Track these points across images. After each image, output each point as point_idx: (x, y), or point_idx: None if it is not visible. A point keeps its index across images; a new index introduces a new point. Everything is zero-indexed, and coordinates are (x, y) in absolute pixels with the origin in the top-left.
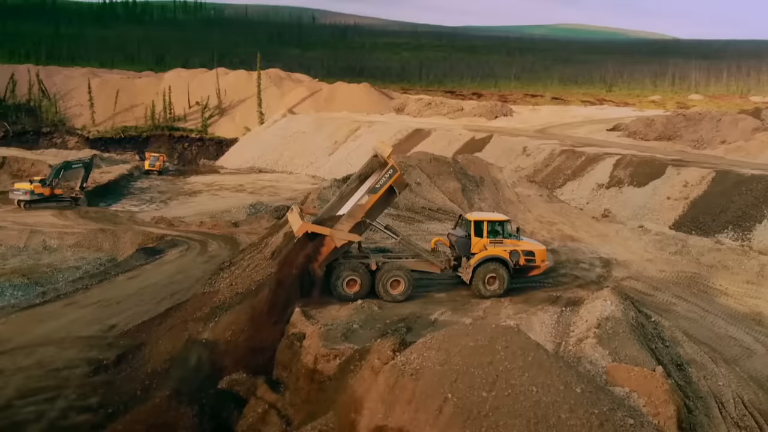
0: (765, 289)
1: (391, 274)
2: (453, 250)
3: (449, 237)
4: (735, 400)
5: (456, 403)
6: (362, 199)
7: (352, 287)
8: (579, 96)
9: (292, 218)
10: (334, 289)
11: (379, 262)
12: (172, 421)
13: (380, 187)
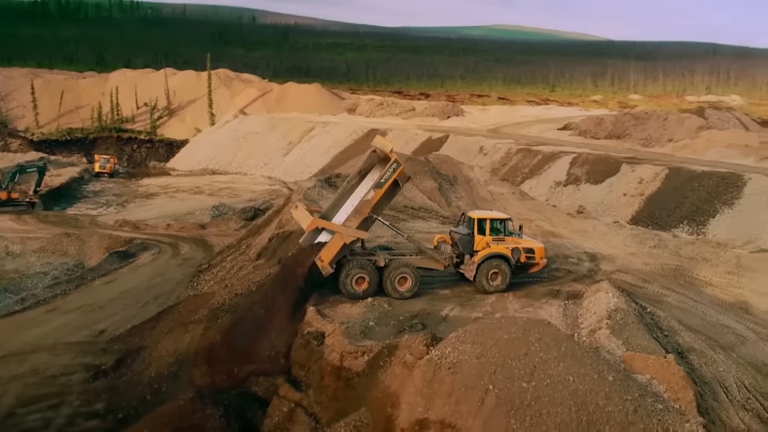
0: (746, 280)
1: (399, 272)
2: (455, 247)
3: (452, 235)
4: (738, 384)
5: (498, 394)
6: (368, 194)
7: (360, 285)
8: (524, 96)
9: (299, 214)
10: (343, 287)
11: (386, 259)
12: (198, 422)
13: (385, 182)
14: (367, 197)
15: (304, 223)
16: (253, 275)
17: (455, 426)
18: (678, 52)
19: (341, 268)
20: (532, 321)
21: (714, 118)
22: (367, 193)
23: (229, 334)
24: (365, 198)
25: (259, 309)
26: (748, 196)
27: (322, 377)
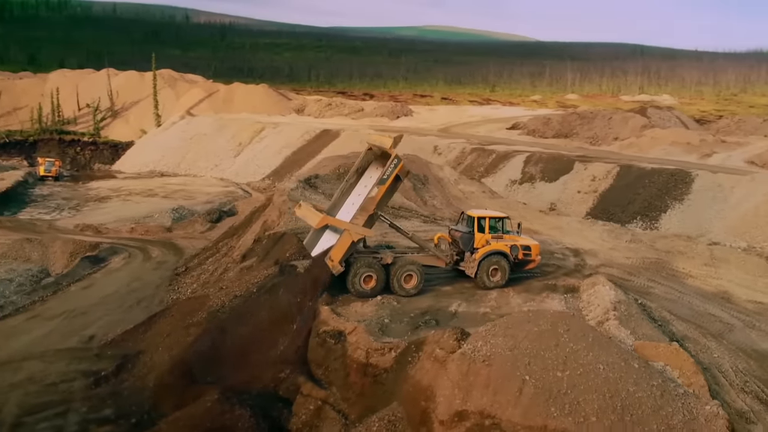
0: (722, 271)
1: (405, 269)
2: (455, 245)
3: (451, 233)
4: (734, 369)
5: (535, 384)
6: (372, 191)
7: (368, 283)
8: (466, 96)
9: (305, 212)
10: (352, 285)
11: (392, 258)
12: (229, 423)
13: (387, 178)
14: (371, 194)
15: (313, 220)
16: (250, 276)
17: (494, 416)
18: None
19: (349, 267)
20: (559, 313)
21: (656, 117)
22: (370, 190)
23: (249, 334)
24: (369, 195)
25: (275, 309)
26: (696, 191)
27: (347, 374)
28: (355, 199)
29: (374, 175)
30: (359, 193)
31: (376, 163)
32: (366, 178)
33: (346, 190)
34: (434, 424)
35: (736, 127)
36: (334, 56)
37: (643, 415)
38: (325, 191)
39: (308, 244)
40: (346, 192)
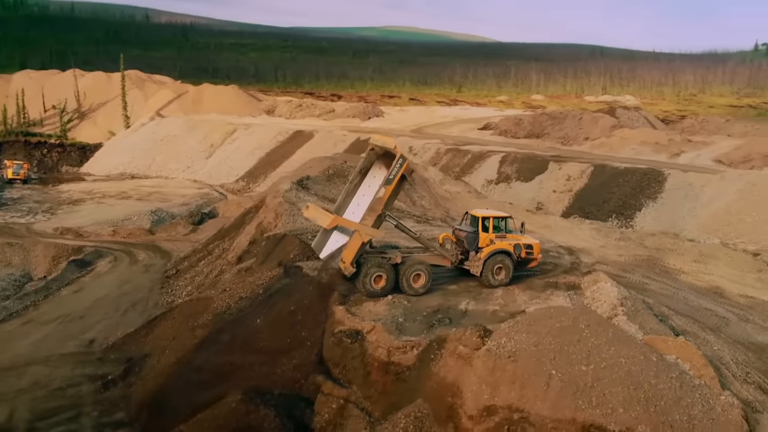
0: (711, 267)
1: (414, 269)
2: (460, 244)
3: (456, 233)
4: (734, 361)
5: (561, 378)
6: (379, 192)
7: (378, 283)
8: (433, 97)
9: (316, 213)
10: (362, 285)
11: (401, 257)
12: (255, 423)
13: (394, 178)
14: (379, 195)
15: (323, 221)
16: (253, 278)
17: (523, 410)
18: (568, 54)
19: (360, 267)
20: (579, 309)
21: (624, 118)
22: (378, 190)
23: (264, 335)
24: (377, 196)
25: (297, 310)
26: (669, 190)
27: (368, 373)
28: (360, 200)
29: (377, 174)
30: (363, 194)
31: (378, 163)
32: (370, 178)
33: (351, 191)
34: (462, 419)
35: (700, 127)
36: (300, 56)
37: (666, 406)
38: (317, 192)
39: (317, 246)
40: (351, 193)
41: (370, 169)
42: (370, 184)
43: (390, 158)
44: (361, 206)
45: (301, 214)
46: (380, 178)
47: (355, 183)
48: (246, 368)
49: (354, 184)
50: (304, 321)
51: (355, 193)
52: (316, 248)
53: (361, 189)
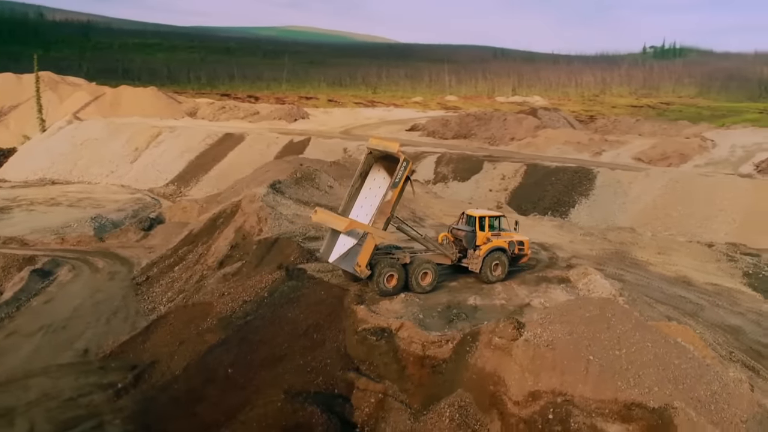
0: (674, 258)
1: (422, 268)
2: (458, 243)
3: (454, 232)
4: (717, 342)
5: (599, 363)
6: (387, 195)
7: (390, 282)
8: (350, 98)
9: (327, 217)
10: (376, 285)
11: (410, 257)
12: (303, 421)
13: (399, 180)
14: (387, 198)
15: (338, 225)
16: (254, 282)
17: (566, 393)
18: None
19: (373, 268)
20: (603, 300)
21: (546, 118)
22: (385, 194)
23: (290, 335)
24: (385, 199)
25: (314, 312)
26: (599, 187)
27: (403, 367)
28: (363, 202)
29: (377, 177)
30: (365, 196)
31: (376, 165)
32: (370, 181)
33: (353, 195)
34: (507, 405)
35: (613, 127)
36: (209, 57)
37: (691, 384)
38: (291, 196)
39: (325, 250)
40: (353, 196)
41: (368, 172)
42: (371, 186)
43: (388, 161)
44: (364, 208)
45: (281, 217)
46: (380, 179)
47: (357, 186)
48: (271, 369)
49: (356, 188)
50: (322, 321)
51: (358, 196)
52: (325, 253)
53: (363, 192)
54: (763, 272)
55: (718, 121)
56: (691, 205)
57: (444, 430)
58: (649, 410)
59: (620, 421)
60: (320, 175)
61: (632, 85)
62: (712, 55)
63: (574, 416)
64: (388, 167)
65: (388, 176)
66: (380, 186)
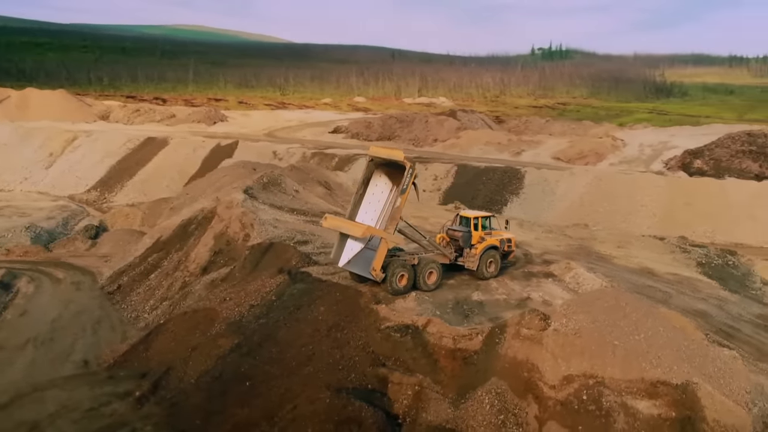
0: (633, 251)
1: (428, 267)
2: (454, 243)
3: (450, 233)
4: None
5: (624, 347)
6: (397, 201)
7: (401, 281)
8: (259, 100)
9: (342, 223)
10: (390, 285)
11: (417, 258)
12: (353, 415)
13: (407, 187)
14: (396, 204)
15: (356, 231)
16: (256, 286)
17: (596, 375)
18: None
19: (386, 270)
20: (617, 291)
21: (465, 119)
22: (395, 200)
23: (311, 336)
24: (396, 205)
25: (333, 313)
26: (528, 186)
27: (436, 360)
28: (367, 207)
29: (378, 182)
30: (369, 201)
31: (377, 172)
32: (372, 187)
33: (357, 201)
34: (543, 389)
35: (525, 127)
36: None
37: (702, 362)
38: (264, 201)
39: (335, 255)
40: (358, 202)
41: (370, 178)
42: (374, 192)
43: (389, 167)
44: (368, 213)
45: (266, 223)
46: (381, 185)
47: (361, 193)
48: (303, 368)
49: (360, 194)
50: (342, 322)
51: (362, 202)
52: (335, 257)
53: (367, 197)
54: (714, 262)
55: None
56: (615, 202)
57: (485, 415)
58: (672, 387)
59: (648, 398)
60: (285, 179)
61: (528, 86)
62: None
63: (606, 396)
64: (388, 173)
65: (389, 181)
66: (382, 191)
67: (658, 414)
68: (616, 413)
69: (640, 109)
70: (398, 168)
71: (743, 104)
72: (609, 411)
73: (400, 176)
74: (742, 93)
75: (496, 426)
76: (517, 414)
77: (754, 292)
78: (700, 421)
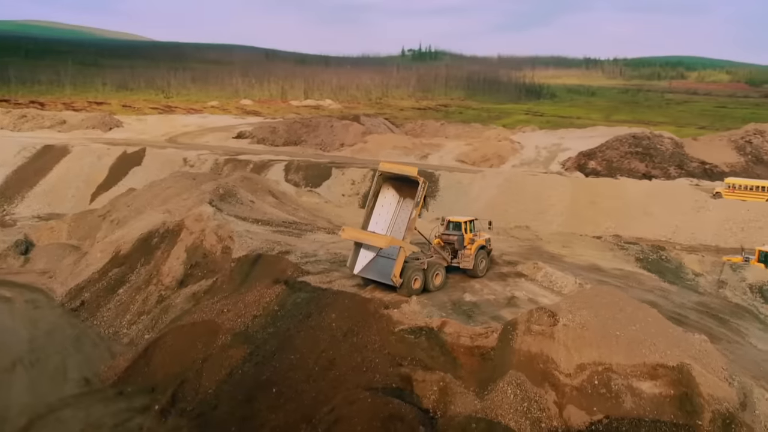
0: (577, 250)
1: (435, 270)
2: (449, 246)
3: (444, 237)
4: None
5: (625, 336)
6: (412, 213)
7: (416, 284)
8: (143, 103)
9: (365, 235)
10: (406, 287)
11: (427, 263)
12: (395, 411)
13: (420, 200)
14: (412, 216)
15: (380, 242)
16: (254, 297)
17: (605, 362)
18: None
19: (403, 274)
20: (610, 289)
21: (369, 124)
22: (411, 212)
23: (330, 342)
24: (411, 217)
25: (346, 319)
26: (443, 188)
27: (455, 358)
28: (377, 218)
29: (387, 195)
30: (379, 213)
31: (385, 185)
32: (381, 198)
33: (369, 213)
34: (559, 378)
35: (421, 131)
36: None
37: (686, 345)
38: (228, 212)
39: (351, 263)
40: (369, 214)
41: (379, 191)
42: (383, 204)
43: (398, 181)
44: (379, 224)
45: (244, 235)
46: (389, 197)
47: (371, 205)
48: (329, 371)
49: (370, 206)
50: (355, 327)
51: (373, 213)
52: (350, 265)
53: (376, 209)
54: (650, 257)
55: (498, 122)
56: (525, 202)
57: (511, 403)
58: (670, 368)
59: (650, 379)
60: (239, 190)
61: (408, 88)
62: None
63: (614, 380)
64: (396, 186)
65: (396, 194)
66: (390, 203)
67: (659, 393)
68: (624, 394)
69: (516, 110)
70: (406, 182)
71: (607, 105)
72: (618, 393)
73: (407, 189)
74: (603, 94)
75: (522, 412)
76: (538, 401)
77: (689, 282)
78: (696, 396)
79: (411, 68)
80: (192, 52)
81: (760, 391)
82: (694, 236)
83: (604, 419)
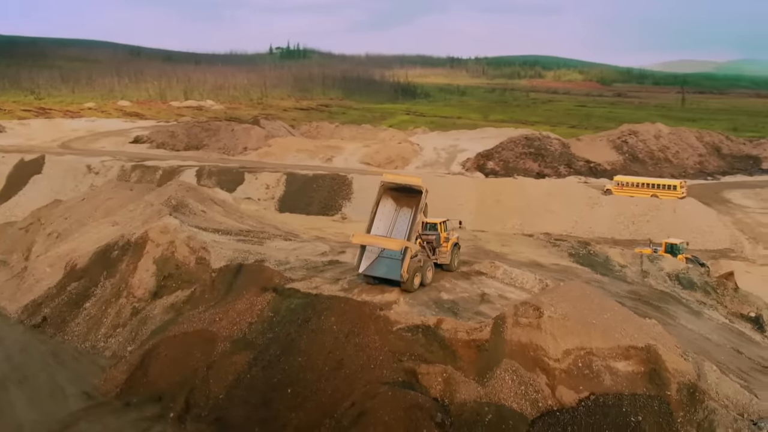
0: (516, 248)
1: (426, 266)
2: (429, 245)
3: (423, 237)
4: None
5: (600, 323)
6: (418, 217)
7: (416, 280)
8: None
9: (377, 240)
10: (410, 284)
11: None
12: (413, 401)
13: (422, 206)
14: (417, 220)
15: (394, 245)
16: (244, 305)
17: (586, 347)
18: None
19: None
20: (580, 284)
21: (269, 127)
22: (416, 216)
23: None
24: (417, 221)
25: (345, 321)
26: (357, 191)
27: (454, 351)
28: (379, 224)
29: (386, 203)
30: (380, 219)
31: (386, 194)
32: (382, 206)
33: (372, 219)
34: (549, 363)
35: (317, 133)
36: None
37: (647, 329)
38: (189, 223)
39: (357, 264)
40: (372, 220)
41: (380, 200)
42: (383, 210)
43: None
44: (380, 229)
45: (216, 245)
46: (389, 205)
47: (374, 212)
48: (340, 369)
49: (374, 213)
50: (355, 328)
51: (375, 219)
52: (357, 265)
53: (378, 215)
54: (580, 252)
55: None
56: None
57: (510, 388)
58: (639, 349)
59: (624, 360)
60: (189, 200)
61: (285, 87)
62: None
63: (595, 361)
64: (394, 195)
65: (393, 202)
66: (389, 210)
67: (632, 370)
68: (604, 374)
69: (396, 110)
70: (404, 191)
71: (480, 105)
72: (599, 372)
73: (405, 197)
74: (472, 93)
75: (521, 395)
76: (533, 384)
77: (618, 273)
78: (663, 371)
79: (284, 67)
80: (53, 48)
81: (708, 364)
82: (591, 230)
83: (591, 396)
